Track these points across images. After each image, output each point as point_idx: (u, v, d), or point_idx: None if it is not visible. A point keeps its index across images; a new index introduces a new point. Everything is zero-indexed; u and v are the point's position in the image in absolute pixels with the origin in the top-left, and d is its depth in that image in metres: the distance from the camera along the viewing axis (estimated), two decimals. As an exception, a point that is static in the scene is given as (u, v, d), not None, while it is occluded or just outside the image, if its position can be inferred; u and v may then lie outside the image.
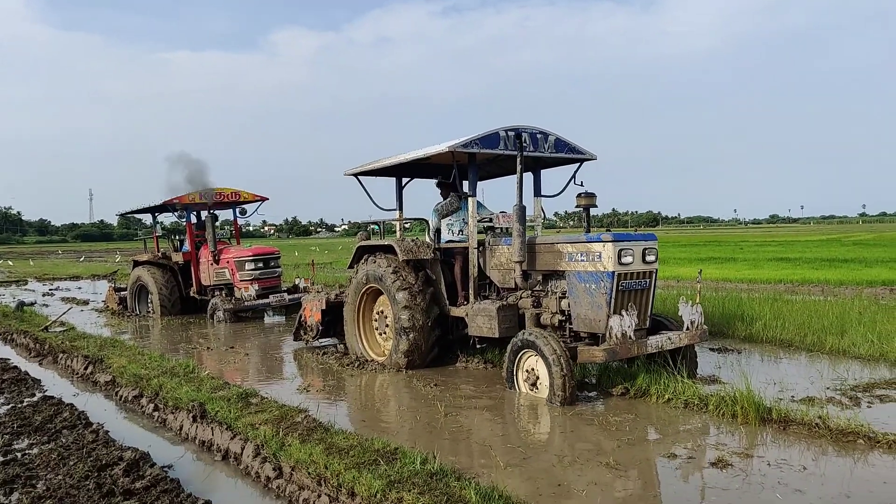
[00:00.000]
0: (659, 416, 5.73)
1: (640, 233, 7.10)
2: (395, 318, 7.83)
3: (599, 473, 4.43)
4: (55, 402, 6.75)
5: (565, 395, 5.97)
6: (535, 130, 7.51)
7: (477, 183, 7.78)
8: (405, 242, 8.18)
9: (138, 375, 7.31)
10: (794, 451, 4.73)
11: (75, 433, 5.71)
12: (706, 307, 10.37)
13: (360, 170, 8.97)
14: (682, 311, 6.84)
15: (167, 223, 18.77)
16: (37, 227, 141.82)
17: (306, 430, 5.11)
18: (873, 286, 14.44)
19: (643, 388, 6.30)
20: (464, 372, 7.74)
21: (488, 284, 7.89)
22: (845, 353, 7.89)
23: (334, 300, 9.35)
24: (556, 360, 6.01)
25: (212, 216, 13.99)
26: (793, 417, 5.25)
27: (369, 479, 4.02)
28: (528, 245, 7.07)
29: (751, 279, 16.79)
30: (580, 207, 7.68)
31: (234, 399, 6.09)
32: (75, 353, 8.95)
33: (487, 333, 7.21)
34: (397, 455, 4.45)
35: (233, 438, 5.21)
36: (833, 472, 4.35)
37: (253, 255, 13.51)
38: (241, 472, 4.87)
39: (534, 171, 8.60)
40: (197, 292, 14.40)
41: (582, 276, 6.56)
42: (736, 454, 4.70)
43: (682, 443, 5.02)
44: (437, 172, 9.16)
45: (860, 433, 4.86)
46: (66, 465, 4.93)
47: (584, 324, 6.60)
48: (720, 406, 5.60)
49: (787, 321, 9.16)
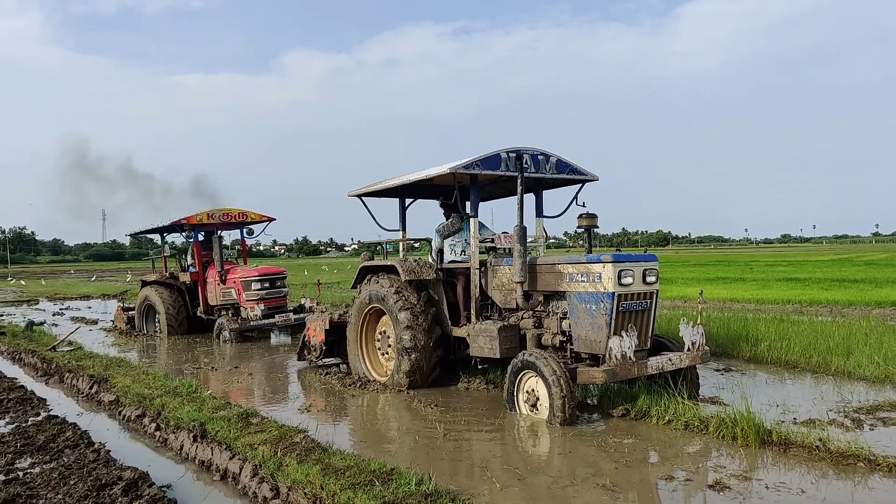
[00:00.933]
0: (659, 438, 5.70)
1: (641, 253, 7.11)
2: (398, 339, 7.86)
3: (596, 495, 4.41)
4: (59, 422, 6.80)
5: (565, 415, 5.96)
6: (536, 152, 7.57)
7: (479, 203, 7.84)
8: (408, 263, 8.23)
9: (142, 395, 7.36)
10: (794, 474, 4.70)
11: (77, 452, 5.75)
12: (712, 327, 10.36)
13: (363, 191, 9.06)
14: (683, 332, 6.83)
15: (178, 243, 18.91)
16: (50, 246, 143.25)
17: (304, 451, 5.12)
18: (883, 307, 14.32)
19: (644, 409, 6.28)
20: (465, 393, 7.73)
21: (490, 305, 7.91)
22: (850, 374, 7.82)
23: (338, 320, 9.40)
24: (555, 380, 6.00)
25: (219, 237, 14.12)
26: (793, 440, 5.21)
27: (364, 500, 4.03)
28: (530, 266, 7.09)
29: (759, 299, 16.69)
30: (582, 228, 7.73)
31: (235, 419, 6.12)
32: (81, 373, 9.02)
33: (489, 354, 7.21)
34: (393, 476, 4.46)
35: (231, 458, 5.23)
36: (831, 495, 4.32)
37: (259, 275, 13.60)
38: (238, 491, 4.88)
39: (535, 192, 8.64)
40: (204, 312, 14.49)
41: (582, 296, 6.57)
42: (734, 477, 4.67)
43: (681, 465, 4.99)
44: (439, 193, 9.24)
45: (860, 456, 4.82)
46: (66, 485, 4.96)
47: (584, 344, 6.60)
48: (720, 428, 5.57)
49: (792, 342, 9.10)
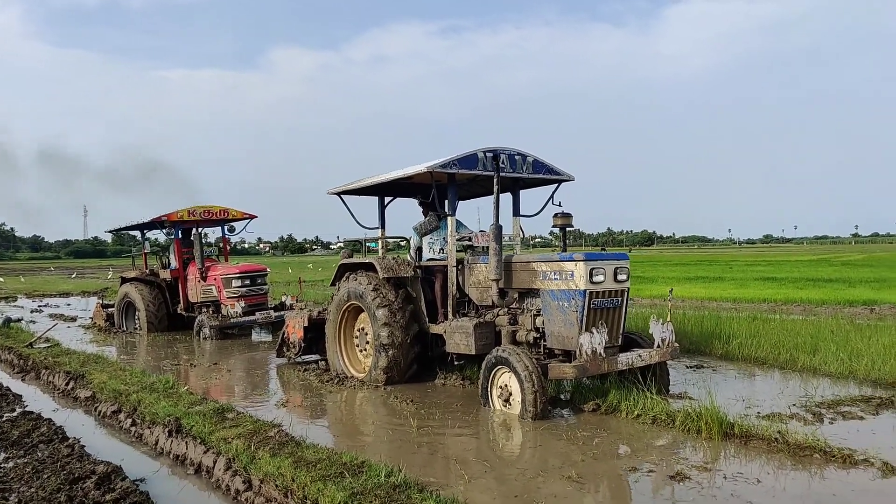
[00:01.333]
0: (627, 432, 5.84)
1: (612, 252, 7.26)
2: (375, 335, 7.94)
3: (561, 486, 4.54)
4: (34, 418, 6.82)
5: (536, 410, 6.08)
6: (513, 152, 7.68)
7: (456, 202, 7.94)
8: (386, 260, 8.32)
9: (118, 391, 7.39)
10: (752, 465, 4.85)
11: (51, 447, 5.79)
12: (686, 325, 10.56)
13: (342, 189, 9.13)
14: (653, 329, 6.98)
15: (161, 240, 18.85)
16: (30, 243, 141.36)
17: (277, 444, 5.20)
18: (854, 306, 14.63)
19: (614, 404, 6.42)
20: (441, 389, 7.84)
21: (467, 302, 8.02)
22: (816, 370, 8.03)
23: (316, 317, 9.47)
24: (527, 376, 6.12)
25: (199, 234, 14.11)
26: (754, 433, 5.38)
27: (333, 491, 4.12)
28: (505, 264, 7.21)
29: (736, 298, 16.98)
30: (557, 227, 7.86)
31: (210, 414, 6.18)
32: (58, 369, 9.02)
33: (464, 350, 7.32)
34: (364, 468, 4.56)
35: (206, 452, 5.30)
36: (786, 484, 4.47)
37: (240, 272, 13.62)
38: (211, 485, 4.96)
39: (513, 192, 8.76)
40: (184, 309, 14.47)
41: (555, 294, 6.70)
42: (695, 468, 4.82)
43: (646, 457, 5.13)
44: (418, 192, 9.33)
45: (816, 448, 4.99)
46: (39, 479, 5.01)
47: (557, 341, 6.73)
48: (686, 422, 5.72)
49: (762, 339, 9.31)
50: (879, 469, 4.68)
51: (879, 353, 8.04)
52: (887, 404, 6.47)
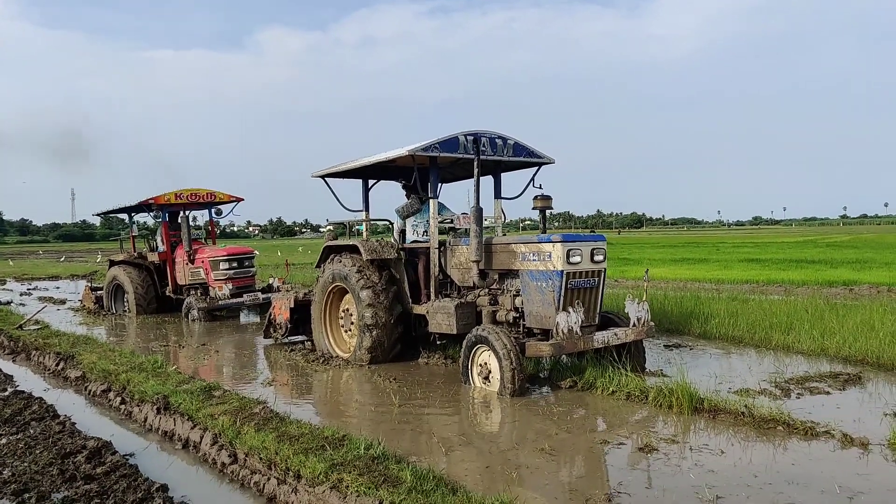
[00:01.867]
0: (601, 407, 6.05)
1: (590, 234, 7.42)
2: (360, 316, 8.10)
3: (532, 457, 4.74)
4: (25, 397, 6.96)
5: (514, 387, 6.28)
6: (493, 135, 7.80)
7: (438, 185, 8.07)
8: (369, 243, 8.45)
9: (107, 371, 7.53)
10: (718, 438, 5.07)
11: (43, 425, 5.94)
12: (665, 305, 10.78)
13: (326, 172, 9.23)
14: (629, 309, 7.16)
15: (149, 223, 18.89)
16: (18, 227, 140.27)
17: (262, 420, 5.37)
18: (834, 286, 14.91)
19: (590, 381, 6.62)
20: (424, 368, 8.02)
21: (449, 283, 8.18)
22: (790, 348, 8.27)
23: (302, 299, 9.61)
24: (506, 354, 6.31)
25: (186, 216, 14.17)
26: (722, 407, 5.60)
27: (314, 463, 4.30)
28: (486, 245, 7.37)
29: (719, 279, 17.22)
30: (537, 209, 8.00)
31: (198, 392, 6.34)
32: (48, 350, 9.14)
33: (446, 330, 7.49)
34: (344, 441, 4.73)
35: (193, 428, 5.47)
36: (748, 455, 4.69)
37: (227, 254, 13.72)
38: (199, 459, 5.13)
39: (494, 175, 8.89)
40: (173, 291, 14.57)
41: (534, 274, 6.87)
42: (664, 440, 5.03)
43: (618, 430, 5.35)
44: (401, 175, 9.44)
45: (780, 421, 5.21)
46: (32, 454, 5.16)
47: (535, 320, 6.91)
48: (658, 397, 5.93)
49: (739, 319, 9.54)
50: (839, 440, 4.91)
51: (851, 331, 8.28)
52: (854, 380, 6.71)
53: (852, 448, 4.78)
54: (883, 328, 8.25)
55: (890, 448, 4.73)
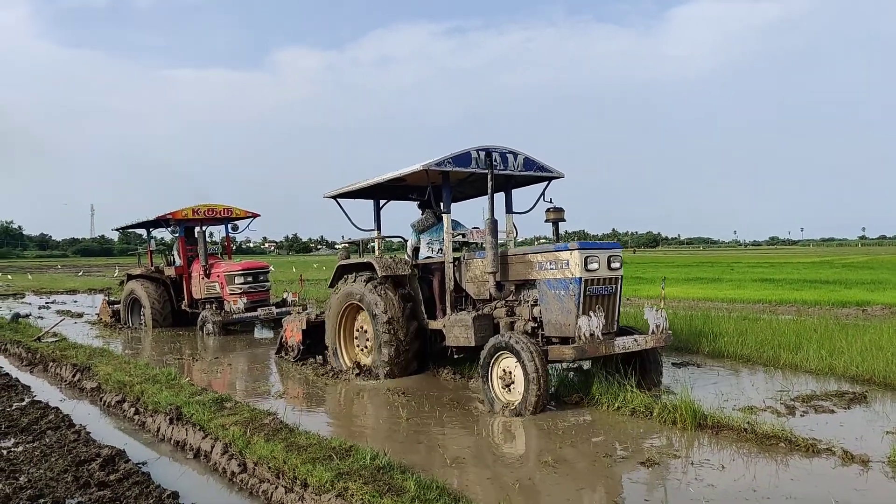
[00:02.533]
0: (606, 422, 6.12)
1: (605, 241, 7.50)
2: (376, 333, 8.19)
3: (536, 470, 4.82)
4: (42, 406, 7.15)
5: (540, 393, 6.19)
6: (505, 150, 7.94)
7: (451, 200, 8.19)
8: (384, 260, 8.57)
9: (122, 382, 7.71)
10: (720, 453, 5.12)
11: (59, 433, 6.11)
12: (675, 324, 10.78)
13: (338, 192, 9.40)
14: (648, 315, 7.16)
15: (166, 239, 19.21)
16: (37, 241, 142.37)
17: (272, 431, 5.50)
18: (847, 306, 14.82)
19: (596, 397, 6.68)
20: (434, 382, 8.12)
21: (464, 297, 8.27)
22: (797, 367, 8.27)
23: (315, 320, 9.68)
24: (530, 358, 6.23)
25: (203, 231, 14.44)
26: (725, 423, 5.64)
27: (321, 472, 4.41)
28: (501, 257, 7.46)
29: (731, 299, 17.19)
30: (549, 222, 8.11)
31: (210, 403, 6.48)
32: (65, 362, 9.35)
33: (464, 343, 7.52)
34: (351, 452, 4.85)
35: (204, 438, 5.60)
36: (748, 470, 4.73)
37: (242, 269, 13.95)
38: (209, 468, 5.26)
39: (505, 190, 9.01)
40: (188, 305, 14.81)
41: (552, 283, 6.93)
42: (666, 455, 5.09)
43: (621, 445, 5.41)
44: (412, 193, 9.60)
45: (782, 437, 5.25)
46: (48, 461, 5.32)
47: (555, 329, 6.93)
48: (662, 413, 5.98)
49: (748, 338, 9.55)
50: (840, 457, 4.94)
51: (859, 351, 8.27)
52: (860, 399, 6.71)
53: (853, 465, 4.81)
54: (891, 348, 8.23)
55: (890, 465, 4.75)
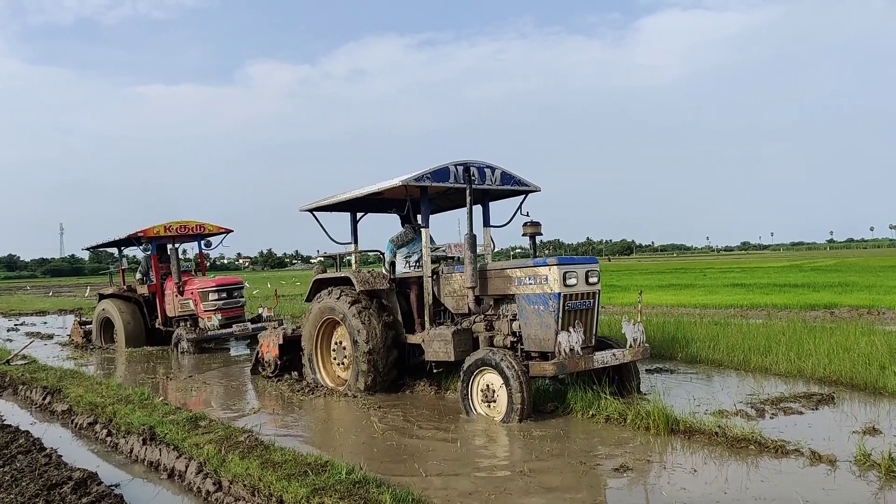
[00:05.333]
0: (581, 430, 6.18)
1: (583, 257, 7.60)
2: (355, 359, 8.15)
3: (511, 480, 4.86)
4: (12, 431, 7.00)
5: (523, 410, 6.29)
6: (482, 165, 8.01)
7: (429, 215, 8.22)
8: (361, 274, 8.56)
9: (94, 403, 7.59)
10: (692, 457, 5.22)
11: (29, 457, 5.99)
12: (649, 331, 10.89)
13: (315, 205, 9.38)
14: (626, 330, 7.27)
15: (139, 257, 18.98)
16: (5, 262, 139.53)
17: (247, 448, 5.47)
18: (815, 309, 15.15)
19: (570, 405, 6.76)
20: (410, 395, 8.13)
21: (443, 311, 8.29)
22: (767, 370, 8.44)
23: (291, 335, 9.60)
24: (514, 374, 6.32)
25: (175, 249, 14.30)
26: (697, 428, 5.75)
27: (296, 488, 4.41)
28: (480, 271, 7.50)
29: (704, 304, 17.45)
30: (527, 236, 8.18)
31: (184, 422, 6.42)
32: (35, 385, 9.18)
33: (444, 357, 7.52)
34: (326, 467, 4.84)
35: (178, 457, 5.55)
36: (719, 473, 4.83)
37: (216, 285, 13.83)
38: (184, 488, 5.21)
39: (482, 203, 9.08)
40: (162, 324, 14.62)
41: (531, 298, 6.99)
42: (639, 460, 5.16)
43: (595, 452, 5.47)
44: (390, 207, 9.61)
45: (752, 440, 5.36)
46: (18, 486, 5.22)
47: (534, 343, 6.99)
48: (636, 420, 6.08)
49: (719, 343, 9.72)
50: (808, 458, 5.06)
51: (826, 353, 8.47)
52: (827, 400, 6.88)
53: (820, 465, 4.93)
54: (857, 349, 8.45)
55: (856, 464, 4.88)
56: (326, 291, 8.80)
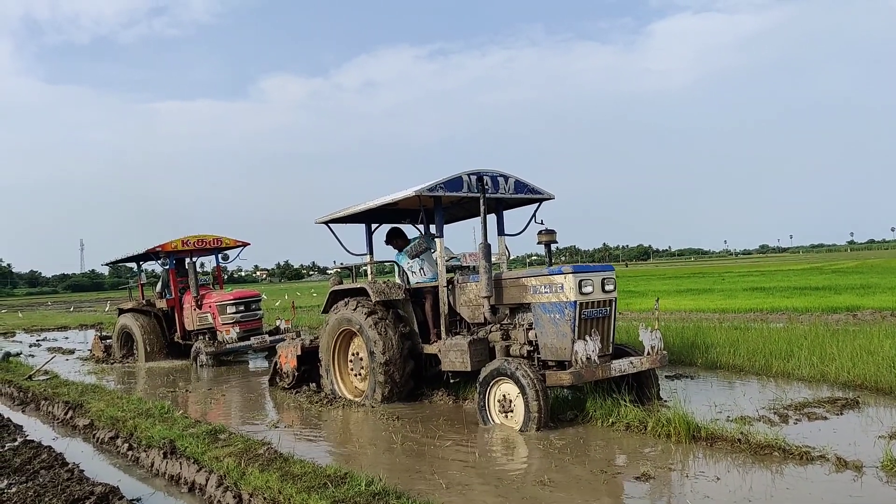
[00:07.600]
0: (601, 438, 6.12)
1: (598, 264, 7.54)
2: (371, 359, 8.17)
3: (533, 490, 4.82)
4: (35, 446, 7.07)
5: (541, 417, 6.25)
6: (495, 173, 8.00)
7: (443, 224, 8.22)
8: (377, 284, 8.57)
9: (115, 418, 7.65)
10: (715, 465, 5.14)
11: (52, 473, 6.04)
12: (667, 336, 10.82)
13: (330, 217, 9.43)
14: (643, 337, 7.21)
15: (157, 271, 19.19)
16: (27, 279, 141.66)
17: (266, 461, 5.48)
18: (837, 313, 14.93)
19: (590, 413, 6.70)
20: (428, 405, 8.11)
21: (459, 321, 8.26)
22: (790, 375, 8.32)
23: (309, 346, 9.64)
24: (530, 384, 6.28)
25: (193, 263, 14.43)
26: (719, 435, 5.67)
27: (316, 500, 4.40)
28: (495, 280, 7.48)
29: (723, 309, 17.28)
30: (542, 244, 8.15)
31: (203, 435, 6.45)
32: (57, 400, 9.27)
33: (460, 367, 7.49)
34: (346, 479, 4.83)
35: (199, 471, 5.56)
36: (744, 481, 4.76)
37: (234, 298, 13.92)
38: (204, 501, 5.21)
39: (496, 212, 9.05)
40: (181, 337, 14.74)
41: (546, 307, 6.95)
42: (661, 468, 5.10)
43: (616, 461, 5.42)
44: (404, 217, 9.63)
45: (776, 446, 5.28)
46: (41, 502, 5.26)
47: (551, 352, 6.95)
48: (656, 427, 6.01)
49: (740, 348, 9.60)
50: (833, 464, 4.97)
51: (850, 357, 8.33)
52: (852, 405, 6.76)
53: (846, 471, 4.84)
54: (882, 352, 8.30)
55: (883, 470, 4.79)
56: (343, 302, 8.82)
